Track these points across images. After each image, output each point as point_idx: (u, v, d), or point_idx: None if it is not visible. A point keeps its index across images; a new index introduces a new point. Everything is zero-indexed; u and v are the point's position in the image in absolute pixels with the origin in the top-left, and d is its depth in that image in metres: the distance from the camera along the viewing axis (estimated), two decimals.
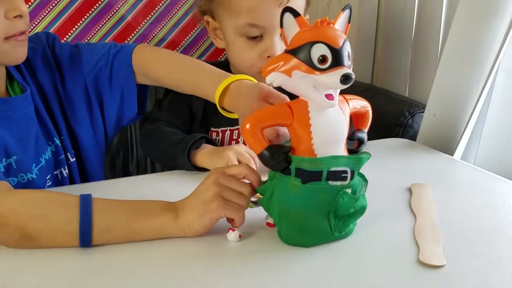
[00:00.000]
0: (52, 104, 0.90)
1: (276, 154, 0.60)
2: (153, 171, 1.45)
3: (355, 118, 0.66)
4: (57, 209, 0.63)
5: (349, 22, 0.61)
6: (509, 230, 0.68)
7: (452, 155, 1.04)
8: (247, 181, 0.66)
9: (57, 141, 0.89)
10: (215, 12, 0.98)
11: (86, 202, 0.63)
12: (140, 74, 0.92)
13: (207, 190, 0.64)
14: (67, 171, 0.90)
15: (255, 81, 0.80)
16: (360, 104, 0.65)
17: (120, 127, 0.98)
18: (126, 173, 1.42)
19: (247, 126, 0.60)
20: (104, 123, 0.95)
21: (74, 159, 0.92)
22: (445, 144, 1.06)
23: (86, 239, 0.62)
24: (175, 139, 0.89)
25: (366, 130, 0.66)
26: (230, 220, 0.65)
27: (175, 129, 0.96)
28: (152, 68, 0.90)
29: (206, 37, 1.68)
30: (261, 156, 0.60)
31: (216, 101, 0.80)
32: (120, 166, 1.41)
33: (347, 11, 0.61)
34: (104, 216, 0.63)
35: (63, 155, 0.90)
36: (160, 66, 0.89)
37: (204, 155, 0.85)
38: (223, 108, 0.81)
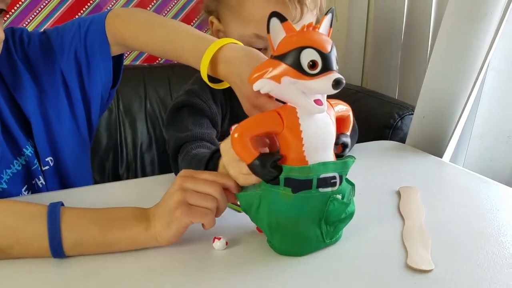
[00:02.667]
0: (27, 105, 0.85)
1: (267, 163, 0.58)
2: (143, 173, 1.44)
3: (338, 122, 0.65)
4: (24, 223, 0.61)
5: (330, 26, 0.61)
6: (498, 233, 0.68)
7: (441, 157, 1.04)
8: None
9: (27, 152, 0.85)
10: (222, 15, 0.94)
11: (53, 216, 0.60)
12: (116, 44, 0.87)
13: (171, 197, 0.61)
14: (42, 181, 0.87)
15: (240, 43, 0.75)
16: (343, 108, 0.65)
17: (103, 110, 0.94)
18: (115, 176, 1.41)
19: (236, 135, 0.57)
20: (89, 108, 0.90)
21: (52, 163, 0.88)
22: (434, 146, 1.07)
23: (58, 253, 0.60)
24: (196, 160, 0.77)
25: (349, 133, 0.66)
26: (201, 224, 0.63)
27: (200, 149, 0.82)
28: (129, 40, 0.85)
29: None
30: (251, 166, 0.58)
31: (204, 77, 0.73)
32: (109, 169, 1.40)
33: (329, 15, 0.60)
34: (73, 230, 0.61)
35: (37, 165, 0.86)
36: (137, 37, 0.83)
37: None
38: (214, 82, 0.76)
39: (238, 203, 0.65)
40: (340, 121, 0.65)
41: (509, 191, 0.84)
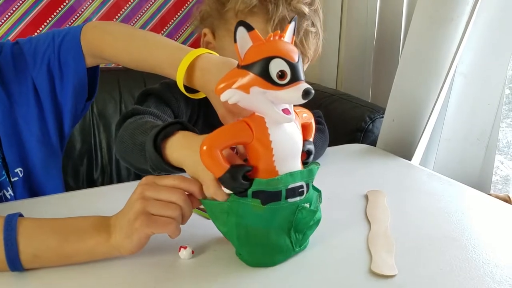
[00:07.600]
0: None
1: (239, 175, 0.57)
2: (119, 177, 1.43)
3: (302, 130, 0.65)
4: None
5: (293, 34, 0.60)
6: (461, 237, 0.70)
7: (411, 159, 1.05)
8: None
9: None
10: (219, 32, 0.93)
11: (9, 228, 0.58)
12: (92, 56, 0.86)
13: (131, 207, 0.59)
14: (10, 192, 0.85)
15: (217, 54, 0.75)
16: (306, 115, 0.65)
17: (77, 120, 0.93)
18: (90, 181, 1.40)
19: (204, 148, 0.56)
20: (61, 118, 0.89)
21: (22, 174, 0.87)
22: (404, 149, 1.08)
23: (15, 267, 0.59)
24: (150, 125, 0.72)
25: (312, 140, 0.66)
26: None
27: (155, 122, 0.78)
28: (106, 50, 0.84)
29: (174, 39, 1.67)
30: (222, 179, 0.57)
31: (180, 86, 0.73)
32: (84, 174, 1.39)
33: (293, 24, 0.60)
34: (30, 241, 0.59)
35: (5, 176, 0.85)
36: (115, 47, 0.83)
37: (173, 146, 0.65)
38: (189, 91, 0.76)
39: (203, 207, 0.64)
40: (303, 128, 0.65)
41: (474, 194, 0.86)
